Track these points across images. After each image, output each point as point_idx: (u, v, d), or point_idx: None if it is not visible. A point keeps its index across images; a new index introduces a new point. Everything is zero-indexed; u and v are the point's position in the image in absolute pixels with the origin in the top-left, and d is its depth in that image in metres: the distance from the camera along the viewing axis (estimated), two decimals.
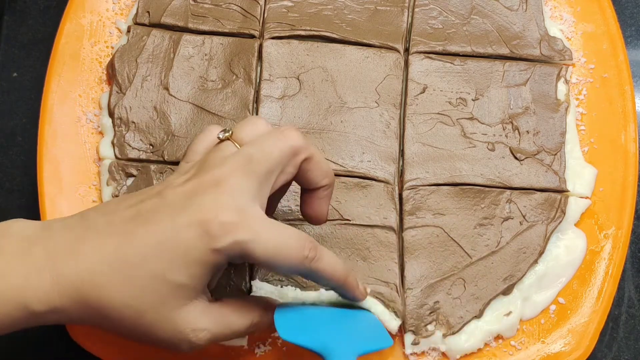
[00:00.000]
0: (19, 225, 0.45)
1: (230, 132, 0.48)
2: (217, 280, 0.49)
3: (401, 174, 0.59)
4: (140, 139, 0.60)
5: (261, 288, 0.55)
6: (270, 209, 0.52)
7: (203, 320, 0.45)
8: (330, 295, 0.53)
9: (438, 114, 0.61)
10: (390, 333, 0.53)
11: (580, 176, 0.60)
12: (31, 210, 0.59)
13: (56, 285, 0.42)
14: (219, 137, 0.48)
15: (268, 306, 0.49)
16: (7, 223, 0.45)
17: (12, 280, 0.42)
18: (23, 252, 0.43)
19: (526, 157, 0.59)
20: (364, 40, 0.62)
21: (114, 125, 0.60)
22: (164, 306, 0.43)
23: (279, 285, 0.55)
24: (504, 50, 0.63)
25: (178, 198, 0.44)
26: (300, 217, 0.52)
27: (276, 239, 0.44)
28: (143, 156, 0.59)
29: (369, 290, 0.52)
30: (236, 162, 0.45)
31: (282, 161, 0.46)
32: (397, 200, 0.58)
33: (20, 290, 0.42)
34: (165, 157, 0.59)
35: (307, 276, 0.47)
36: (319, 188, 0.50)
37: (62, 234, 0.44)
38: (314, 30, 0.63)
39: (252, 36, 0.63)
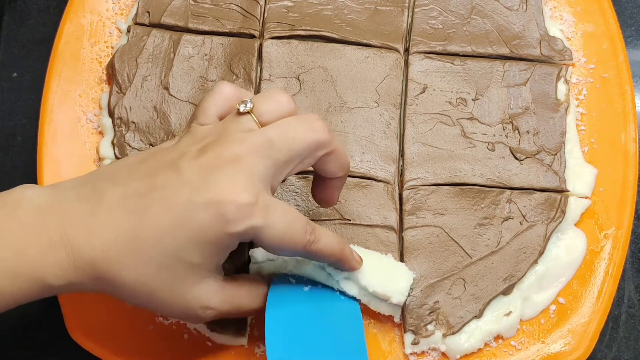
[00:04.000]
0: (32, 194, 0.45)
1: (252, 106, 0.47)
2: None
3: (401, 174, 0.59)
4: (140, 139, 0.60)
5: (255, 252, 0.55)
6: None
7: (213, 299, 0.46)
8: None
9: (438, 114, 0.61)
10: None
11: (580, 176, 0.59)
12: None
13: (72, 261, 0.43)
14: (239, 110, 0.46)
15: None
16: (20, 190, 0.45)
17: (29, 255, 0.42)
18: (38, 225, 0.43)
19: (526, 157, 0.59)
20: (364, 40, 0.63)
21: (114, 125, 0.60)
22: (177, 284, 0.44)
23: None
24: (504, 50, 0.63)
25: (194, 174, 0.44)
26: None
27: (284, 225, 0.45)
28: None
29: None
30: (257, 144, 0.45)
31: (304, 153, 0.46)
32: (397, 200, 0.58)
33: (37, 265, 0.42)
34: None
35: (306, 257, 0.48)
36: (334, 178, 0.50)
37: (76, 206, 0.44)
38: (314, 30, 0.63)
39: (252, 36, 0.63)
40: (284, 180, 0.53)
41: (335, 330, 0.52)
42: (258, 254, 0.53)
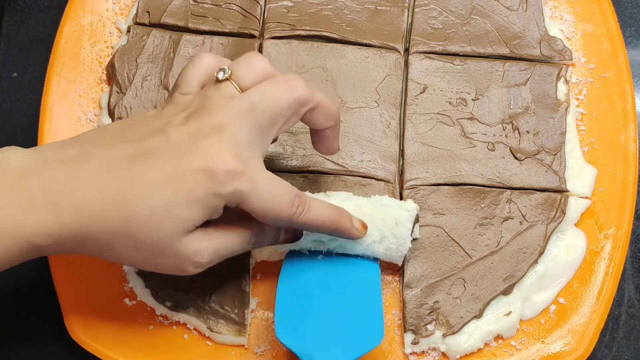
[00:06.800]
0: (12, 155, 0.44)
1: (230, 72, 0.47)
2: None
3: (401, 173, 0.59)
4: None
5: None
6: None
7: (202, 242, 0.46)
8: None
9: (438, 114, 0.61)
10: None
11: (580, 176, 0.59)
12: None
13: (56, 219, 0.43)
14: (217, 78, 0.47)
15: None
16: (0, 152, 0.44)
17: (9, 215, 0.42)
18: (18, 186, 0.43)
19: (526, 157, 0.59)
20: (364, 40, 0.63)
21: None
22: (165, 238, 0.44)
23: None
24: (504, 50, 0.63)
25: (181, 139, 0.44)
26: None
27: (270, 193, 0.45)
28: None
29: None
30: (239, 109, 0.45)
31: (287, 113, 0.47)
32: (397, 199, 0.58)
33: (18, 225, 0.42)
34: None
35: (297, 228, 0.49)
36: (325, 129, 0.51)
37: (59, 168, 0.44)
38: (314, 30, 0.63)
39: (252, 36, 0.63)
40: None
41: (350, 296, 0.52)
42: None
